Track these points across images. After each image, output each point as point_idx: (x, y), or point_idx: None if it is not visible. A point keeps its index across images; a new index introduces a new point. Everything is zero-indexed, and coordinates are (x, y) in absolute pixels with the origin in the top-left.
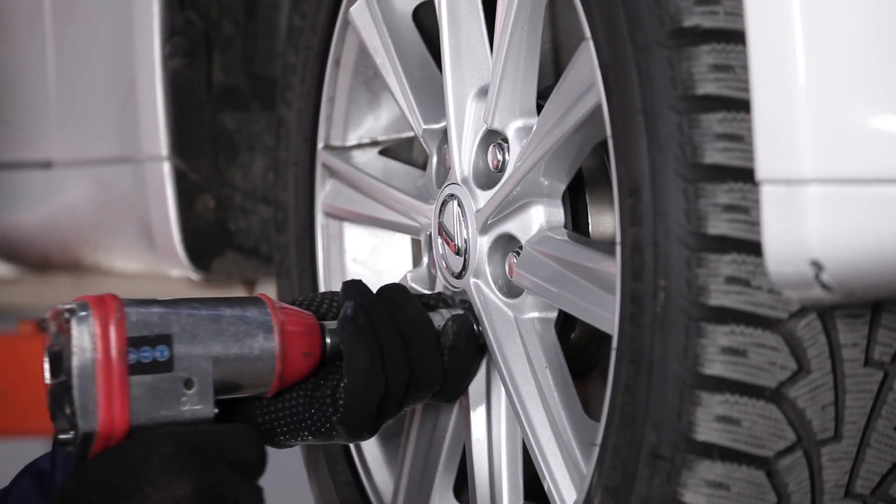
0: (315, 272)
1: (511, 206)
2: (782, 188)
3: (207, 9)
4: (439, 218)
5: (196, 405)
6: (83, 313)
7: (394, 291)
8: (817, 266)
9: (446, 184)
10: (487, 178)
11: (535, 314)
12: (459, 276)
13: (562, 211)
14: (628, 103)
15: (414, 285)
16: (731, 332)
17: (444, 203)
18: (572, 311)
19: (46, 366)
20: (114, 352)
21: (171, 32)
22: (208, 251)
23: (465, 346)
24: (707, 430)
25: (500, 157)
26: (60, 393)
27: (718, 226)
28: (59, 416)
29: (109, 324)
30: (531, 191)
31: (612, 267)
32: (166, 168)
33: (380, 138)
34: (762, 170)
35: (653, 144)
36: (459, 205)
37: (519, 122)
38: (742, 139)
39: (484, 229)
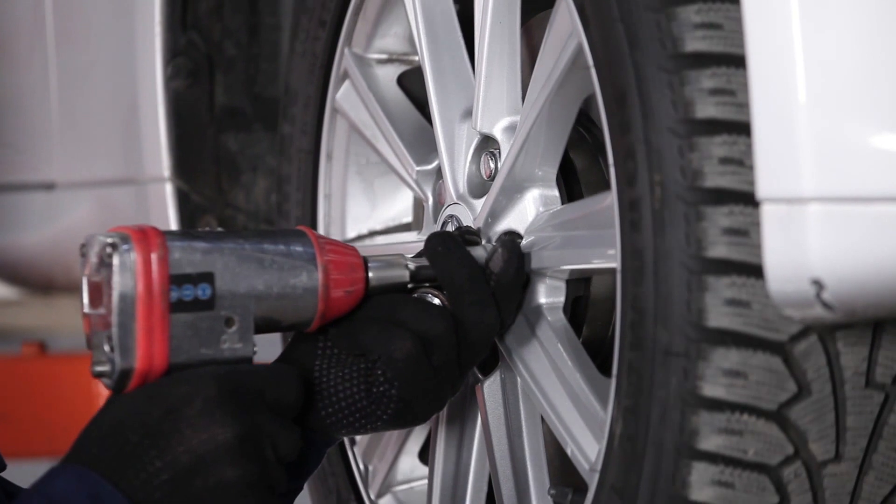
0: None
1: (506, 197)
2: (783, 207)
3: (210, 30)
4: None
5: (236, 344)
6: (126, 246)
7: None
8: (818, 285)
9: (444, 208)
10: (482, 187)
11: (543, 301)
12: None
13: (556, 192)
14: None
15: None
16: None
17: (443, 225)
18: (578, 262)
19: (85, 293)
20: (156, 289)
21: (174, 54)
22: None
23: (515, 274)
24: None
25: (492, 164)
26: (100, 324)
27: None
28: (96, 347)
29: (152, 260)
30: (525, 177)
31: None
32: (169, 189)
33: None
34: (762, 189)
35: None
36: (457, 222)
37: (505, 121)
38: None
39: (483, 232)
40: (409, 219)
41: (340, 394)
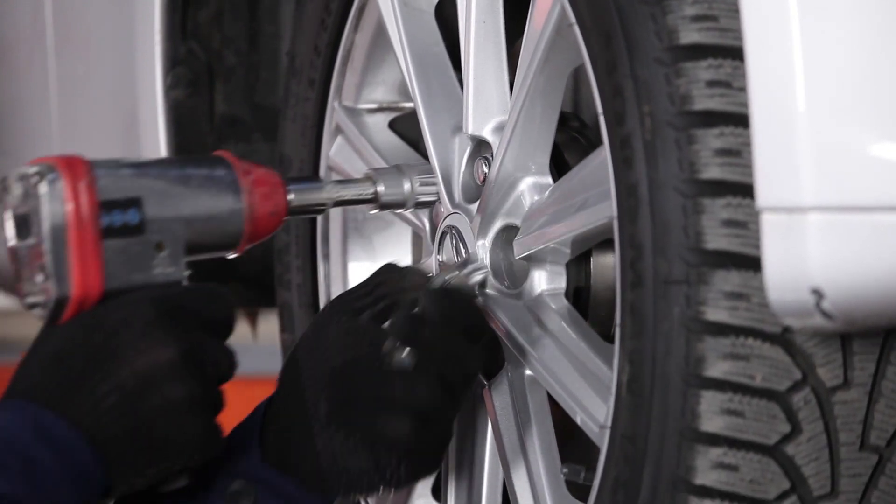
0: None
1: (501, 192)
2: (783, 216)
3: (209, 39)
4: (438, 255)
5: (168, 268)
6: (52, 175)
7: None
8: (818, 294)
9: (442, 221)
10: (477, 192)
11: (545, 288)
12: None
13: (550, 180)
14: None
15: None
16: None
17: (441, 239)
18: (576, 226)
19: (10, 226)
20: (85, 215)
21: (173, 63)
22: (210, 281)
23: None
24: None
25: (485, 169)
26: (30, 256)
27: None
28: (26, 279)
29: (79, 186)
30: (517, 168)
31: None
32: None
33: None
34: (762, 198)
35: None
36: (455, 231)
37: (495, 121)
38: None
39: (481, 231)
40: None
41: (349, 466)
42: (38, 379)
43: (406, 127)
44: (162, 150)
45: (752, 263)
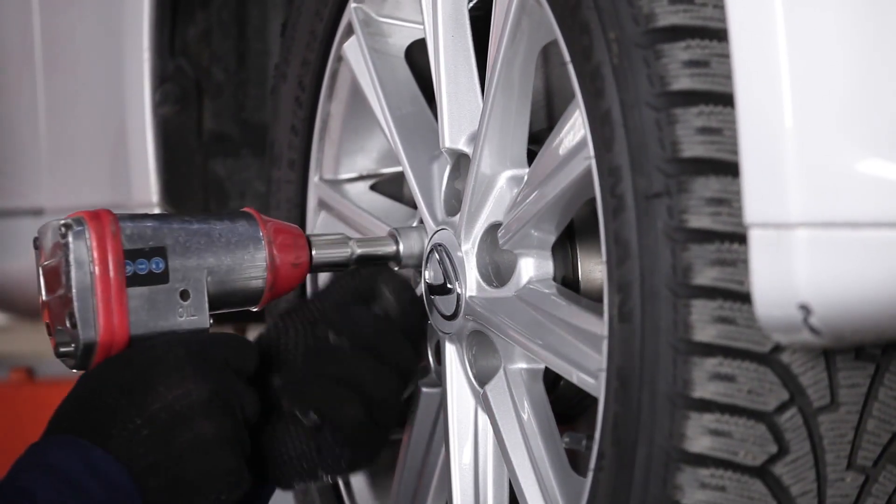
0: None
1: (482, 187)
2: (770, 232)
3: (198, 56)
4: (426, 271)
5: (192, 316)
6: (79, 228)
7: None
8: (806, 310)
9: (428, 240)
10: (459, 205)
11: (533, 274)
12: (455, 315)
13: (528, 169)
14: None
15: None
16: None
17: (430, 252)
18: (557, 188)
19: (41, 281)
20: (111, 263)
21: (162, 79)
22: None
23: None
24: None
25: (463, 182)
26: (59, 306)
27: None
28: (58, 329)
29: (106, 237)
30: (495, 164)
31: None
32: None
33: None
34: (750, 213)
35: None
36: (440, 248)
37: (470, 131)
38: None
39: (465, 237)
40: None
41: (291, 452)
42: (77, 415)
43: (387, 189)
44: (150, 167)
45: (730, 168)
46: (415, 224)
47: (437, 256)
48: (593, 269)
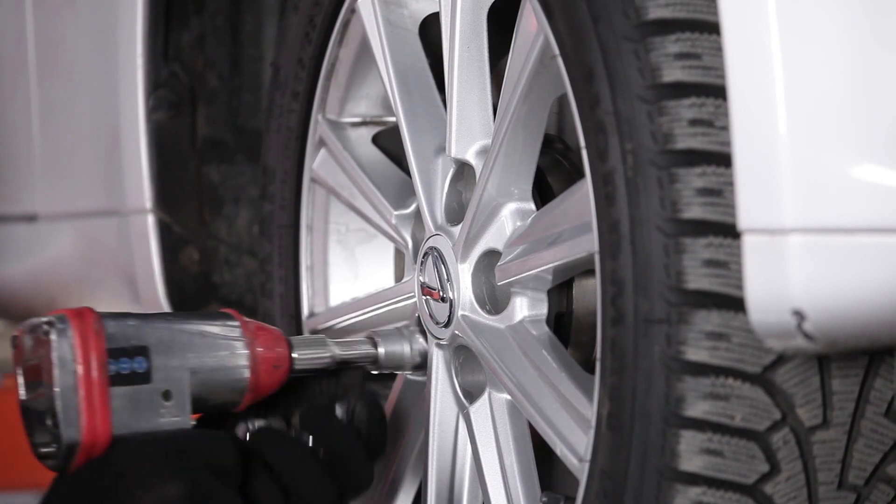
0: None
1: (483, 214)
2: (764, 238)
3: (192, 62)
4: (421, 276)
5: (175, 416)
6: (62, 325)
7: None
8: (799, 315)
9: (424, 242)
10: (460, 214)
11: (526, 314)
12: (447, 324)
13: (533, 206)
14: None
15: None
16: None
17: (423, 260)
18: (558, 258)
19: (20, 380)
20: (94, 363)
21: (156, 85)
22: (192, 304)
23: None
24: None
25: (468, 192)
26: (40, 406)
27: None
28: (38, 429)
29: (89, 335)
30: (500, 194)
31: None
32: (150, 221)
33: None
34: (744, 220)
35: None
36: (437, 253)
37: (478, 145)
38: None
39: (463, 255)
40: (391, 284)
41: None
42: None
43: (389, 142)
44: (144, 173)
45: (733, 304)
46: (409, 210)
47: (434, 264)
48: (588, 313)
